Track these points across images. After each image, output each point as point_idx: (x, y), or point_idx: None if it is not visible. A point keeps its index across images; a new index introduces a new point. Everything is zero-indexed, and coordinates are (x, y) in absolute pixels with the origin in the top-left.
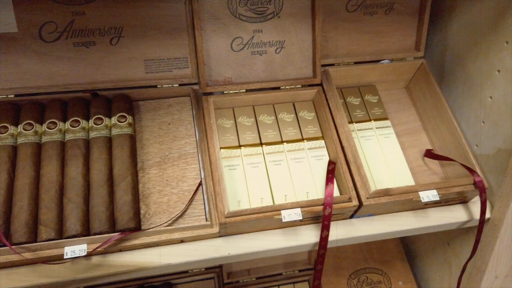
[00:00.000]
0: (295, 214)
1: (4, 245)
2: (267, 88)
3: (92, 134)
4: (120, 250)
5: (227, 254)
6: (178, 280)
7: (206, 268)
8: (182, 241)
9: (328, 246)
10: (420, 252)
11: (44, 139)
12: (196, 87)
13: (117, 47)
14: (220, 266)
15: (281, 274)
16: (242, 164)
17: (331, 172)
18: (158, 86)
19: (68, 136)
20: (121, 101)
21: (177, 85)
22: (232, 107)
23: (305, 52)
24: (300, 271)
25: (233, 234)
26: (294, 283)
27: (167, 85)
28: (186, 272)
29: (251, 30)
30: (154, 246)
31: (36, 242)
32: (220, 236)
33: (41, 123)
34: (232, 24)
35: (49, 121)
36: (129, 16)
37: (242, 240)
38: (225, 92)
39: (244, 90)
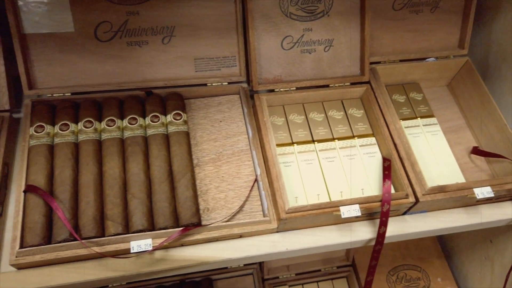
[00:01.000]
0: (353, 210)
1: (74, 240)
2: (316, 86)
3: (150, 132)
4: (182, 245)
5: (285, 249)
6: (217, 276)
7: (245, 264)
8: (240, 236)
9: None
10: (459, 249)
11: (104, 136)
12: (244, 85)
13: (169, 46)
14: (259, 262)
15: (319, 270)
16: (296, 161)
17: (387, 169)
18: (208, 84)
19: (127, 134)
20: (175, 99)
21: (226, 83)
22: (282, 104)
23: (352, 51)
24: (338, 267)
25: (289, 230)
26: (332, 279)
27: (216, 84)
28: (226, 268)
29: (301, 28)
30: (214, 241)
31: (103, 236)
32: (277, 232)
33: (100, 121)
34: (283, 23)
35: (107, 118)
36: (180, 15)
37: (298, 235)
38: (276, 90)
39: (295, 88)
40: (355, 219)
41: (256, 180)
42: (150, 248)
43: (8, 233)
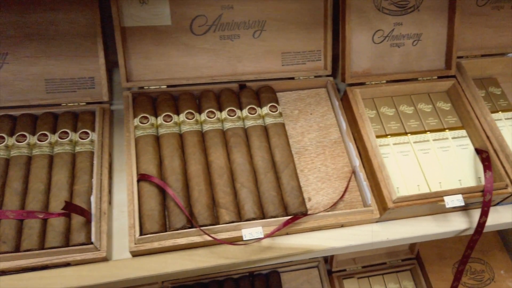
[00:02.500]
0: (457, 200)
1: (190, 227)
2: (405, 79)
3: (248, 123)
4: (287, 233)
5: (386, 239)
6: (283, 269)
7: (309, 258)
8: (342, 225)
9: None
10: None
11: (206, 127)
12: (330, 78)
13: (259, 40)
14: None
15: (385, 263)
16: (393, 152)
17: (487, 160)
18: (295, 78)
19: (227, 125)
20: (269, 91)
21: (313, 77)
22: (372, 97)
23: (438, 45)
24: (402, 260)
25: (387, 220)
26: (397, 272)
27: (303, 77)
28: (290, 260)
29: (392, 23)
30: (316, 230)
31: (217, 224)
32: (376, 222)
33: (199, 113)
34: (375, 17)
35: (207, 110)
36: (272, 9)
37: (396, 226)
38: (367, 83)
39: (385, 81)
40: (449, 209)
41: (353, 171)
42: (262, 236)
43: (117, 221)
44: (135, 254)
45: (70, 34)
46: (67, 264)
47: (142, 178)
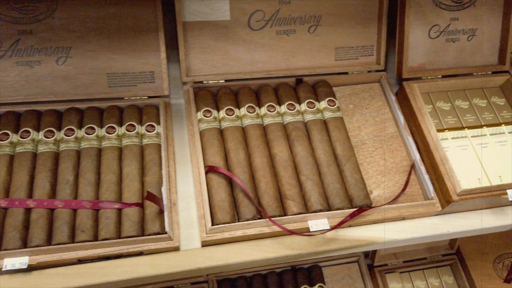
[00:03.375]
0: None
1: (260, 218)
2: (459, 74)
3: (308, 117)
4: (350, 226)
5: (446, 231)
6: (323, 263)
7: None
8: (403, 218)
9: None
10: None
11: (267, 121)
12: (383, 73)
13: (313, 35)
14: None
15: (425, 258)
16: (452, 147)
17: None
18: (349, 72)
19: (288, 119)
20: (325, 86)
21: (367, 72)
22: (427, 92)
23: (492, 40)
24: (443, 255)
25: (447, 213)
26: (437, 267)
27: (357, 72)
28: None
29: (448, 18)
30: (378, 222)
31: (284, 215)
32: (436, 215)
33: (259, 107)
34: (432, 12)
35: (267, 104)
36: (328, 5)
37: (456, 219)
38: (423, 78)
39: (440, 76)
40: (510, 203)
41: (413, 164)
42: (328, 227)
43: (182, 213)
44: (205, 244)
45: (132, 29)
46: (139, 253)
47: (211, 169)
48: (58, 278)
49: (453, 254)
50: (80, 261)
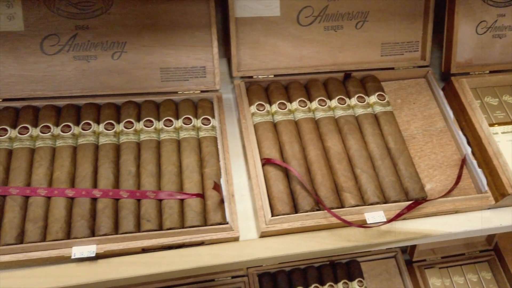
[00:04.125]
0: None
1: (318, 209)
2: (506, 70)
3: (359, 112)
4: (404, 219)
5: (499, 225)
6: (361, 258)
7: (386, 248)
8: (456, 211)
9: None
10: None
11: (318, 115)
12: (429, 69)
13: (360, 31)
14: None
15: (463, 254)
16: (503, 141)
17: None
18: (395, 68)
19: (339, 113)
20: (374, 81)
21: (412, 67)
22: (474, 87)
23: None
24: (480, 251)
25: (498, 207)
26: (475, 263)
27: (404, 68)
28: (369, 250)
29: (495, 14)
30: (431, 215)
31: (341, 207)
32: (488, 209)
33: (310, 101)
34: (480, 8)
35: (318, 99)
36: (376, 0)
37: (507, 212)
38: (471, 73)
39: (488, 72)
40: None
41: (464, 158)
42: (384, 220)
43: (239, 204)
44: (263, 235)
45: (184, 25)
46: (200, 243)
47: (268, 162)
48: (123, 267)
49: (491, 250)
50: (144, 250)
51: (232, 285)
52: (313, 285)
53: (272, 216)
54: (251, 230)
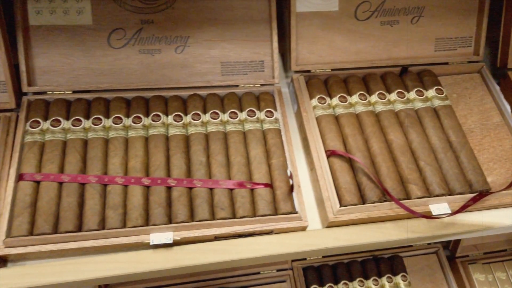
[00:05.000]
0: None
1: (385, 201)
2: None
3: (419, 105)
4: (466, 211)
5: None
6: (403, 254)
7: (428, 243)
8: None
9: None
10: None
11: (379, 108)
12: (483, 64)
13: (416, 26)
14: (442, 241)
15: (505, 250)
16: None
17: None
18: (449, 63)
19: (399, 106)
20: (431, 75)
21: (466, 62)
22: None
23: None
24: None
25: None
26: None
27: (457, 63)
28: (411, 246)
29: None
30: (492, 208)
31: (408, 199)
32: None
33: (369, 94)
34: None
35: (377, 92)
36: None
37: None
38: None
39: None
40: None
41: None
42: (449, 212)
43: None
44: (330, 225)
45: (244, 19)
46: (269, 232)
47: (333, 153)
48: (197, 254)
49: None
50: (216, 238)
51: (278, 278)
52: (357, 279)
53: (340, 206)
54: (314, 220)
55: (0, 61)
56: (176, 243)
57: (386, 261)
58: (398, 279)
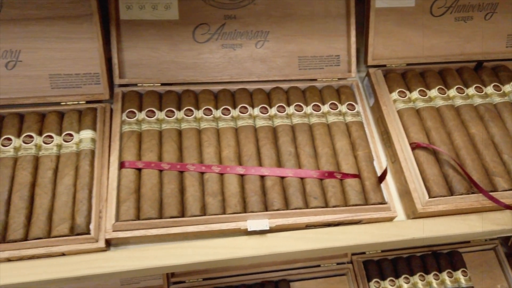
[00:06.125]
0: None
1: (473, 193)
2: None
3: (497, 100)
4: None
5: None
6: (462, 250)
7: (486, 240)
8: None
9: None
10: None
11: (458, 102)
12: None
13: (488, 23)
14: (500, 238)
15: None
16: None
17: None
18: None
19: (478, 101)
20: (507, 71)
21: None
22: None
23: None
24: None
25: None
26: None
27: None
28: (468, 242)
29: None
30: None
31: (493, 191)
32: None
33: (447, 89)
34: None
35: (456, 86)
36: None
37: None
38: None
39: None
40: None
41: None
42: None
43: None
44: (417, 217)
45: (322, 14)
46: (357, 222)
47: (418, 146)
48: (291, 241)
49: None
50: (307, 226)
51: (338, 271)
52: (418, 274)
53: (429, 198)
54: (397, 211)
55: (97, 54)
56: (270, 230)
57: (445, 256)
58: (459, 274)
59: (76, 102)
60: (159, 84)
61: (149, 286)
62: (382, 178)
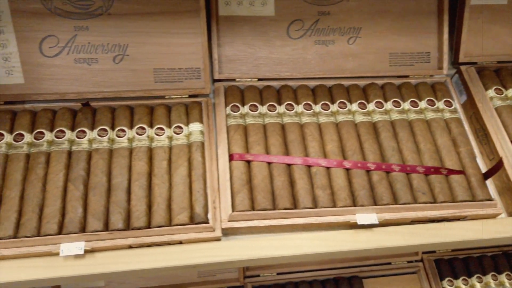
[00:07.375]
0: None
1: None
2: None
3: None
4: None
5: None
6: None
7: None
8: None
9: None
10: None
11: None
12: None
13: None
14: None
15: None
16: None
17: None
18: None
19: None
20: None
21: None
22: None
23: None
24: None
25: None
26: None
27: None
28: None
29: None
30: None
31: None
32: None
33: None
34: None
35: None
36: None
37: None
38: None
39: None
40: None
41: None
42: None
43: None
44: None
45: (414, 11)
46: (460, 219)
47: None
48: (398, 236)
49: None
50: (412, 222)
51: (408, 269)
52: (490, 273)
53: None
54: None
55: (201, 49)
56: (376, 225)
57: (502, 256)
58: None
59: (180, 96)
60: (256, 80)
61: (225, 279)
62: (489, 174)
